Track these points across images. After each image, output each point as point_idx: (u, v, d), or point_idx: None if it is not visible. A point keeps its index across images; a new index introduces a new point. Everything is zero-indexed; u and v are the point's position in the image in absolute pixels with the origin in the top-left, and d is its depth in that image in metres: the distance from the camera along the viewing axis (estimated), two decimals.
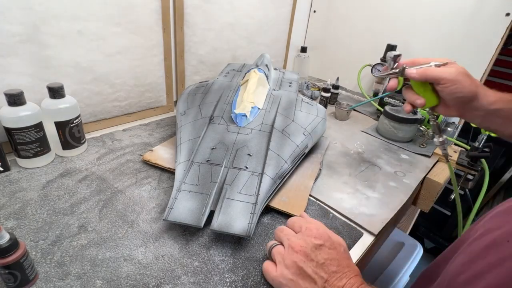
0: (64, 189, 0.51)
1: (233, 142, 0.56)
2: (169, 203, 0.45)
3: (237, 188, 0.48)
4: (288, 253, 0.37)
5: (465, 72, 0.46)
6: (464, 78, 0.45)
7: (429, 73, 0.46)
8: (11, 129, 0.51)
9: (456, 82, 0.45)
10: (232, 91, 0.68)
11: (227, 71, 0.81)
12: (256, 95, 0.65)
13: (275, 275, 0.37)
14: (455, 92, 0.46)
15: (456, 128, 0.99)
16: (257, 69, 0.72)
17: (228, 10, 0.90)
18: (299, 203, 0.53)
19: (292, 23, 1.18)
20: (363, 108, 1.07)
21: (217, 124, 0.59)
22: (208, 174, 0.50)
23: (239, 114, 0.60)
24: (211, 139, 0.56)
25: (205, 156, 0.53)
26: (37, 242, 0.41)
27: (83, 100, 0.67)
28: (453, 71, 0.46)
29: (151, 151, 0.62)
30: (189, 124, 0.60)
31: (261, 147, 0.55)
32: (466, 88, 0.45)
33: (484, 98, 0.46)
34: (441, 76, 0.45)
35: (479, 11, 0.86)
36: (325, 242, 0.38)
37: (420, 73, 0.47)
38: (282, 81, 0.80)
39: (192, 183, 0.49)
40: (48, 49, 0.58)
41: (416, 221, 1.28)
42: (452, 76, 0.45)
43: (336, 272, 0.36)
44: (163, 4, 0.73)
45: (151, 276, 0.38)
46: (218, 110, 0.62)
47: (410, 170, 0.71)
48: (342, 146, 0.78)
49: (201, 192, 0.48)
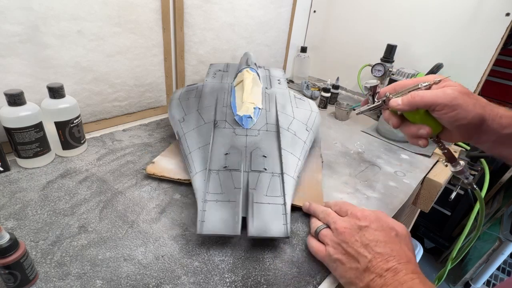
0: (64, 190, 0.51)
1: (244, 145, 0.55)
2: (198, 216, 0.43)
3: (262, 191, 0.48)
4: (335, 235, 0.40)
5: (465, 91, 0.38)
6: (465, 100, 0.36)
7: (418, 99, 0.37)
8: (11, 129, 0.51)
9: (455, 108, 0.36)
10: (227, 93, 0.67)
11: (213, 72, 0.79)
12: (254, 95, 0.65)
13: (324, 255, 0.41)
14: (456, 119, 0.37)
15: None
16: (249, 69, 0.72)
17: (228, 10, 0.90)
18: (316, 198, 0.54)
19: (292, 23, 1.18)
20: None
21: (223, 128, 0.58)
22: (230, 180, 0.49)
23: (244, 116, 0.58)
24: (221, 144, 0.55)
25: (221, 163, 0.51)
26: (37, 242, 0.41)
27: (83, 100, 0.67)
28: (449, 92, 0.37)
29: (153, 164, 0.58)
30: (193, 131, 0.58)
31: (274, 147, 0.55)
32: (470, 112, 0.36)
33: (495, 120, 0.37)
34: (434, 102, 0.37)
35: (479, 12, 0.86)
36: (371, 223, 0.38)
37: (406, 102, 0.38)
38: (271, 79, 0.80)
39: (216, 192, 0.47)
40: (48, 49, 0.58)
41: (416, 221, 1.28)
42: (448, 99, 0.36)
43: (382, 254, 0.34)
44: (163, 4, 0.73)
45: (151, 276, 0.38)
46: (219, 114, 0.60)
47: (410, 170, 0.71)
48: (342, 146, 0.78)
49: (228, 200, 0.46)
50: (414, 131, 0.41)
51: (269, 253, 0.44)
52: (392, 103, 0.40)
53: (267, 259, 0.43)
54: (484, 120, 0.37)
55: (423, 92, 0.38)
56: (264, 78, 0.79)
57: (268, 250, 0.44)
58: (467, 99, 0.37)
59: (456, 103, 0.36)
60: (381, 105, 0.42)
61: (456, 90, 0.37)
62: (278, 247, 0.45)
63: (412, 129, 0.41)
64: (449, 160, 0.44)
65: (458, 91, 0.37)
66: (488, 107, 0.38)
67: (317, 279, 0.41)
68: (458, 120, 0.37)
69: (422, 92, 0.38)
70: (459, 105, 0.36)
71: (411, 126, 0.41)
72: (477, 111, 0.36)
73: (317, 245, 0.42)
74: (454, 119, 0.37)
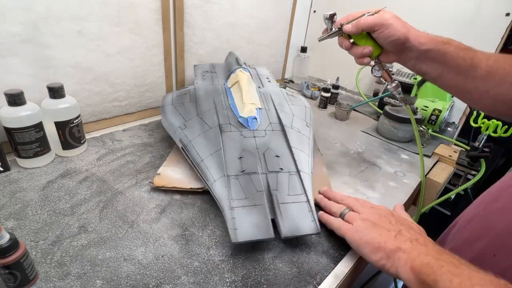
0: (64, 190, 0.51)
1: (255, 147, 0.54)
2: (229, 225, 0.42)
3: (284, 191, 0.48)
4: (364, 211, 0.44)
5: (395, 16, 0.49)
6: (395, 22, 0.47)
7: (362, 22, 0.48)
8: (11, 129, 0.51)
9: (388, 26, 0.47)
10: (222, 95, 0.66)
11: (201, 74, 0.78)
12: (252, 95, 0.65)
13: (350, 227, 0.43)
14: (388, 35, 0.48)
15: (456, 128, 0.99)
16: (242, 69, 0.72)
17: (228, 10, 0.90)
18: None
19: (292, 23, 1.18)
20: (363, 108, 1.07)
21: (229, 132, 0.56)
22: (251, 184, 0.48)
23: (249, 117, 0.58)
24: (232, 148, 0.54)
25: (237, 167, 0.50)
26: (37, 242, 0.41)
27: (83, 100, 0.67)
28: (384, 16, 0.48)
29: (159, 175, 0.55)
30: (199, 137, 0.56)
31: (283, 146, 0.56)
32: (398, 30, 0.47)
33: (416, 39, 0.48)
34: (374, 22, 0.48)
35: (479, 12, 0.86)
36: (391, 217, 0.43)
37: (355, 25, 0.49)
38: (260, 78, 0.80)
39: (240, 197, 0.47)
40: (48, 49, 0.58)
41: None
42: (382, 20, 0.47)
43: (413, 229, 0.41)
44: (163, 4, 0.73)
45: (151, 276, 0.38)
46: (222, 117, 0.59)
47: (410, 170, 0.71)
48: (342, 146, 0.78)
49: (254, 204, 0.46)
50: (360, 51, 0.51)
51: (269, 253, 0.44)
52: (345, 28, 0.50)
53: (267, 259, 0.43)
54: (408, 38, 0.48)
55: (366, 17, 0.49)
56: (254, 77, 0.79)
57: (268, 250, 0.44)
58: (396, 21, 0.48)
59: (389, 23, 0.47)
60: (337, 32, 0.52)
61: (389, 14, 0.49)
62: (278, 247, 0.45)
63: (359, 49, 0.51)
64: (386, 78, 0.56)
65: (391, 15, 0.48)
66: (412, 29, 0.49)
67: (317, 279, 0.41)
68: (390, 36, 0.48)
69: (365, 17, 0.49)
70: (390, 25, 0.47)
71: (358, 47, 0.52)
72: (403, 31, 0.47)
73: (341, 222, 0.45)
74: (387, 35, 0.48)
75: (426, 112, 0.89)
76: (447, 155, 0.77)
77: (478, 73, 0.46)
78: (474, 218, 0.38)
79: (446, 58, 0.47)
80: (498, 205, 0.36)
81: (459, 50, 0.47)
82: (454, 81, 0.48)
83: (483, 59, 0.46)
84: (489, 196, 0.40)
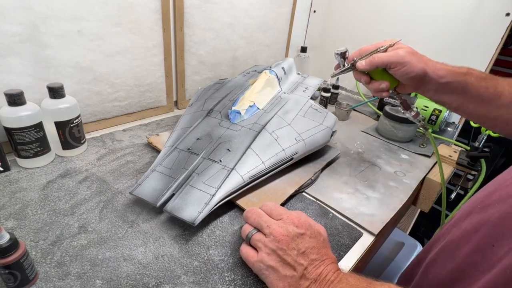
0: (64, 190, 0.51)
1: (219, 136, 0.57)
2: (140, 179, 0.49)
3: (203, 178, 0.49)
4: (269, 240, 0.37)
5: (411, 52, 0.48)
6: (411, 58, 0.47)
7: (377, 60, 0.48)
8: (11, 129, 0.51)
9: (404, 64, 0.47)
10: (242, 90, 0.70)
11: (247, 71, 0.83)
12: (260, 95, 0.65)
13: (256, 260, 0.37)
14: (405, 73, 0.47)
15: (456, 128, 0.99)
16: (268, 71, 0.73)
17: (228, 10, 0.90)
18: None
19: (292, 23, 1.18)
20: (363, 108, 1.07)
21: (213, 118, 0.62)
22: (184, 161, 0.52)
23: (234, 110, 0.61)
24: (201, 130, 0.59)
25: (188, 145, 0.56)
26: (37, 242, 0.41)
27: (83, 100, 0.67)
28: (400, 53, 0.47)
29: (157, 135, 0.67)
30: (188, 114, 0.64)
31: (243, 145, 0.55)
32: (416, 66, 0.47)
33: (435, 72, 0.48)
34: (389, 61, 0.47)
35: (479, 11, 0.86)
36: (306, 230, 0.38)
37: (368, 63, 0.48)
38: (299, 86, 0.79)
39: (167, 166, 0.52)
40: (48, 49, 0.58)
41: (416, 221, 1.28)
42: (398, 59, 0.47)
43: (316, 260, 0.36)
44: (163, 4, 0.73)
45: (151, 276, 0.38)
46: (219, 105, 0.65)
47: (410, 170, 0.71)
48: (342, 146, 0.78)
49: (170, 175, 0.50)
50: (377, 85, 0.51)
51: None
52: (358, 65, 0.50)
53: None
54: (426, 72, 0.47)
55: (381, 54, 0.48)
56: (292, 84, 0.80)
57: None
58: (413, 57, 0.47)
59: (405, 61, 0.47)
60: (350, 68, 0.51)
61: (405, 51, 0.48)
62: None
63: (376, 84, 0.51)
64: (405, 108, 0.55)
65: (407, 51, 0.47)
66: (429, 63, 0.48)
67: None
68: (408, 73, 0.47)
69: (380, 55, 0.48)
70: (407, 62, 0.47)
71: (375, 82, 0.51)
72: (420, 65, 0.47)
73: (248, 250, 0.39)
74: (404, 73, 0.47)
75: (426, 112, 0.89)
76: (447, 155, 0.77)
77: (502, 101, 0.46)
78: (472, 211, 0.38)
79: (468, 89, 0.47)
80: (494, 197, 0.36)
81: (481, 80, 0.47)
82: (477, 110, 0.48)
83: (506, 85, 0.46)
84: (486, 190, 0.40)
